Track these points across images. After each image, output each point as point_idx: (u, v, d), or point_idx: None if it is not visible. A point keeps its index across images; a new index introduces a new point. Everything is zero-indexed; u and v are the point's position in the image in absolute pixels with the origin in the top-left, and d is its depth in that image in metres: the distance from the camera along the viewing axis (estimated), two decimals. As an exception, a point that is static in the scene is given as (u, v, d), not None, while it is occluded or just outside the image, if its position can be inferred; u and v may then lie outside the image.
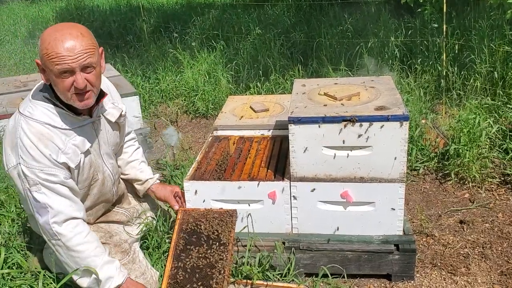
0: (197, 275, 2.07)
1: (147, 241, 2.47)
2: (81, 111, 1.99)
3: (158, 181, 2.52)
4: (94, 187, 2.14)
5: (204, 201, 2.44)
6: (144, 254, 2.36)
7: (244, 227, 2.41)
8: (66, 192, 1.95)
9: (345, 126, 2.22)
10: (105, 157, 2.16)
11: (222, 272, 2.07)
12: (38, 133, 1.87)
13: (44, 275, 2.15)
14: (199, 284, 2.05)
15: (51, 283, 2.14)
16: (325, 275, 2.35)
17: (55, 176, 1.91)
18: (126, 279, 2.03)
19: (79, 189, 2.05)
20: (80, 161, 1.98)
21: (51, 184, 1.91)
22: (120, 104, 2.23)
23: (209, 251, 2.13)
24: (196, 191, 2.44)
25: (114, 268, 2.00)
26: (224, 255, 2.11)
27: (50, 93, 1.93)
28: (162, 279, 2.09)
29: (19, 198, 2.62)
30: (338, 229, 2.44)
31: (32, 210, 1.96)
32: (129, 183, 2.52)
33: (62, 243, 1.94)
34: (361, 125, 2.21)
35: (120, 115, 2.20)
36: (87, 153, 2.02)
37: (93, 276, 1.98)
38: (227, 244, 2.15)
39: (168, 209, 2.68)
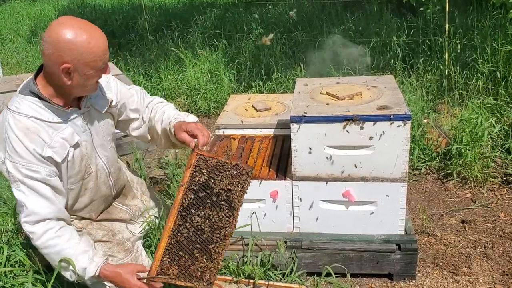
0: (198, 237, 1.94)
1: (149, 239, 2.47)
2: (69, 104, 1.98)
3: (177, 120, 2.16)
4: (89, 181, 2.12)
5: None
6: (147, 253, 2.37)
7: (247, 225, 2.42)
8: (46, 192, 1.91)
9: (347, 125, 2.22)
10: (99, 149, 2.13)
11: (223, 239, 1.97)
12: (24, 127, 1.86)
13: (45, 272, 2.15)
14: (197, 247, 1.93)
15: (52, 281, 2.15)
16: (326, 274, 2.36)
17: (37, 172, 1.87)
18: (101, 267, 1.92)
19: (72, 183, 2.03)
20: (67, 154, 1.95)
21: (32, 181, 1.87)
22: (110, 94, 2.18)
23: (215, 214, 1.97)
24: (198, 190, 2.44)
25: (86, 258, 1.92)
26: (230, 222, 1.99)
27: (35, 88, 1.90)
28: (162, 233, 1.93)
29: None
30: (339, 228, 2.45)
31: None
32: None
33: (34, 241, 1.91)
34: (363, 125, 2.21)
35: (110, 106, 2.17)
36: (76, 146, 1.99)
37: (71, 267, 1.92)
38: (236, 209, 2.00)
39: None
